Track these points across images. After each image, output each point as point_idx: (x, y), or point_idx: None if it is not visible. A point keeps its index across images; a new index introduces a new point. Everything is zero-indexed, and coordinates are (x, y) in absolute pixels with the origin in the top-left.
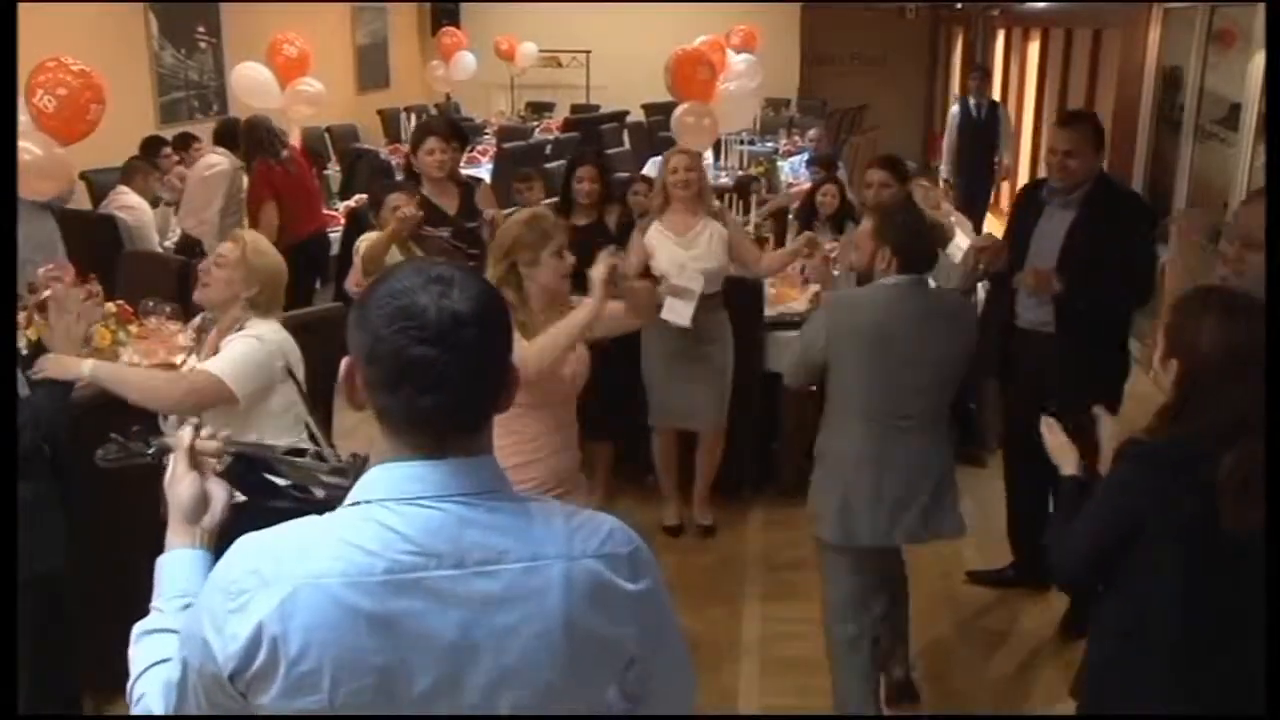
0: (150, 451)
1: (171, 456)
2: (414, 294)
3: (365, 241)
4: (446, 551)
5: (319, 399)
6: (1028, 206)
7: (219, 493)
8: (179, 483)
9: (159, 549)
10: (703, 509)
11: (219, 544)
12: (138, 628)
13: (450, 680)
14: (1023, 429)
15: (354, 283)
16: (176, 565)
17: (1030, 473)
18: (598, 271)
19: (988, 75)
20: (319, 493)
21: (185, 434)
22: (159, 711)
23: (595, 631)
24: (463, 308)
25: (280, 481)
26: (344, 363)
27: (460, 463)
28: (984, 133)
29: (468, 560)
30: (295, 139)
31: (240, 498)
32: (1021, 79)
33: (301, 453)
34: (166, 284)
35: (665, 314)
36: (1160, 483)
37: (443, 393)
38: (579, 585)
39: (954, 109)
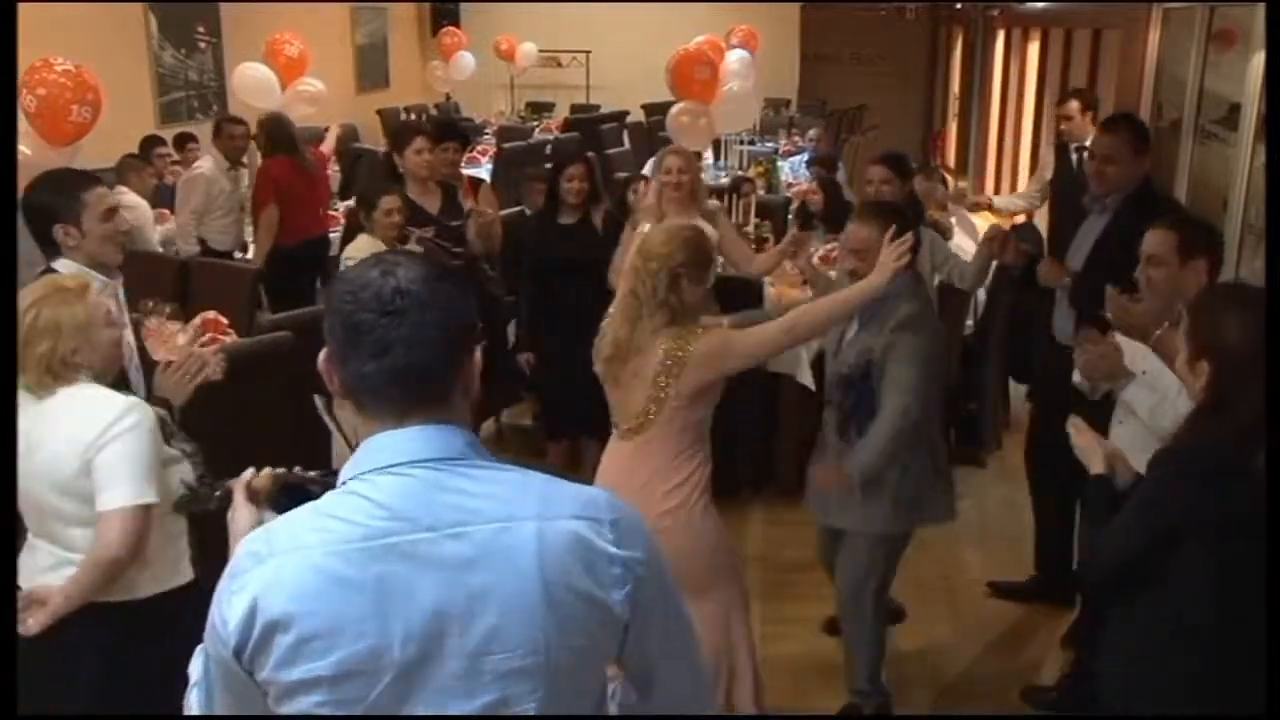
0: (217, 494)
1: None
2: (363, 273)
3: (357, 254)
4: (418, 515)
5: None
6: (1074, 214)
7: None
8: (238, 514)
9: None
10: None
11: None
12: (200, 648)
13: (437, 643)
14: (1049, 444)
15: None
16: None
17: (1056, 488)
18: (891, 252)
19: (1090, 106)
20: None
21: (245, 474)
22: (196, 710)
23: (577, 590)
24: (403, 282)
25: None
26: (322, 352)
27: (426, 429)
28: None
29: (439, 523)
30: (331, 141)
31: None
32: (1021, 79)
33: (334, 473)
34: (166, 284)
35: None
36: (1195, 489)
37: (386, 357)
38: (554, 543)
39: (1046, 155)
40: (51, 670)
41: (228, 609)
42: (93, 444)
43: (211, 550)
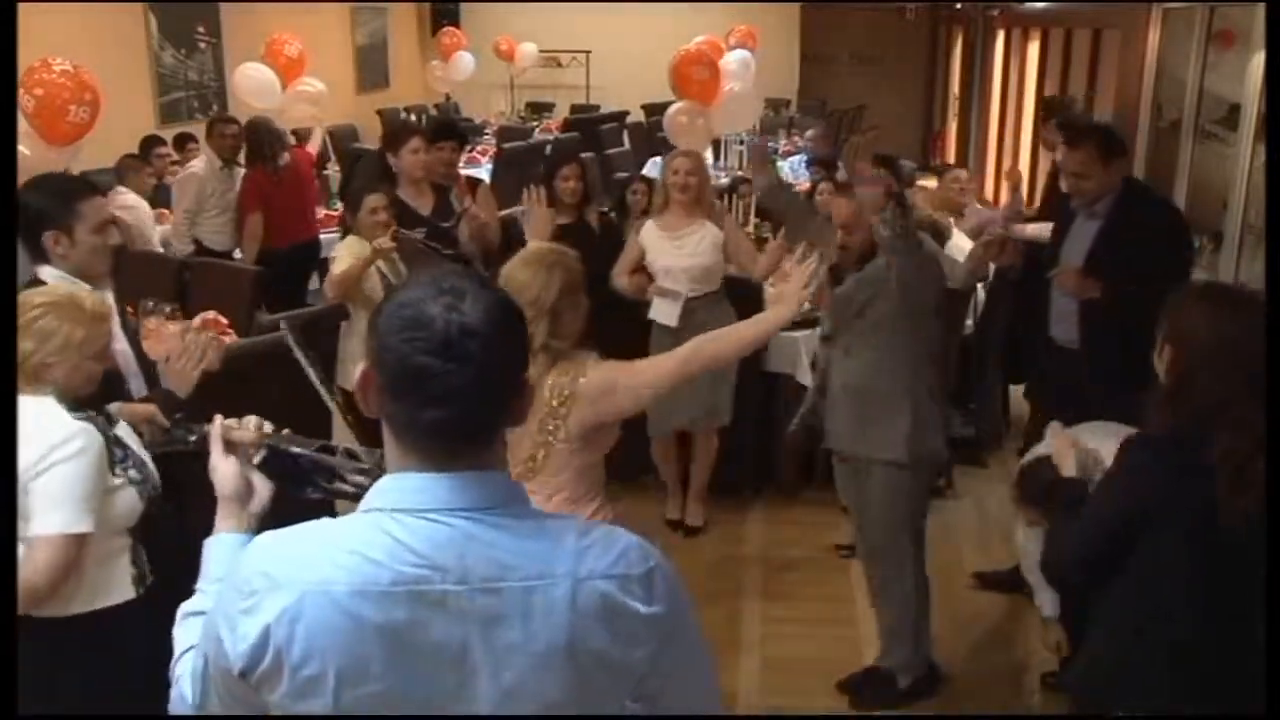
0: (192, 439)
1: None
2: (423, 304)
3: (345, 251)
4: (452, 566)
5: (317, 397)
6: (1062, 215)
7: (262, 483)
8: (218, 470)
9: None
10: (694, 510)
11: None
12: (183, 608)
13: (452, 695)
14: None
15: (327, 289)
16: (221, 549)
17: None
18: (796, 282)
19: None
20: (348, 488)
21: (216, 422)
22: (189, 696)
23: (601, 653)
24: (471, 320)
25: (327, 459)
26: (359, 368)
27: (468, 476)
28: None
29: (472, 576)
30: (315, 142)
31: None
32: (1021, 79)
33: (333, 450)
34: (166, 284)
35: (652, 314)
36: (1162, 473)
37: (445, 406)
38: (585, 606)
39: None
40: None
41: (238, 626)
42: (32, 466)
43: (157, 569)
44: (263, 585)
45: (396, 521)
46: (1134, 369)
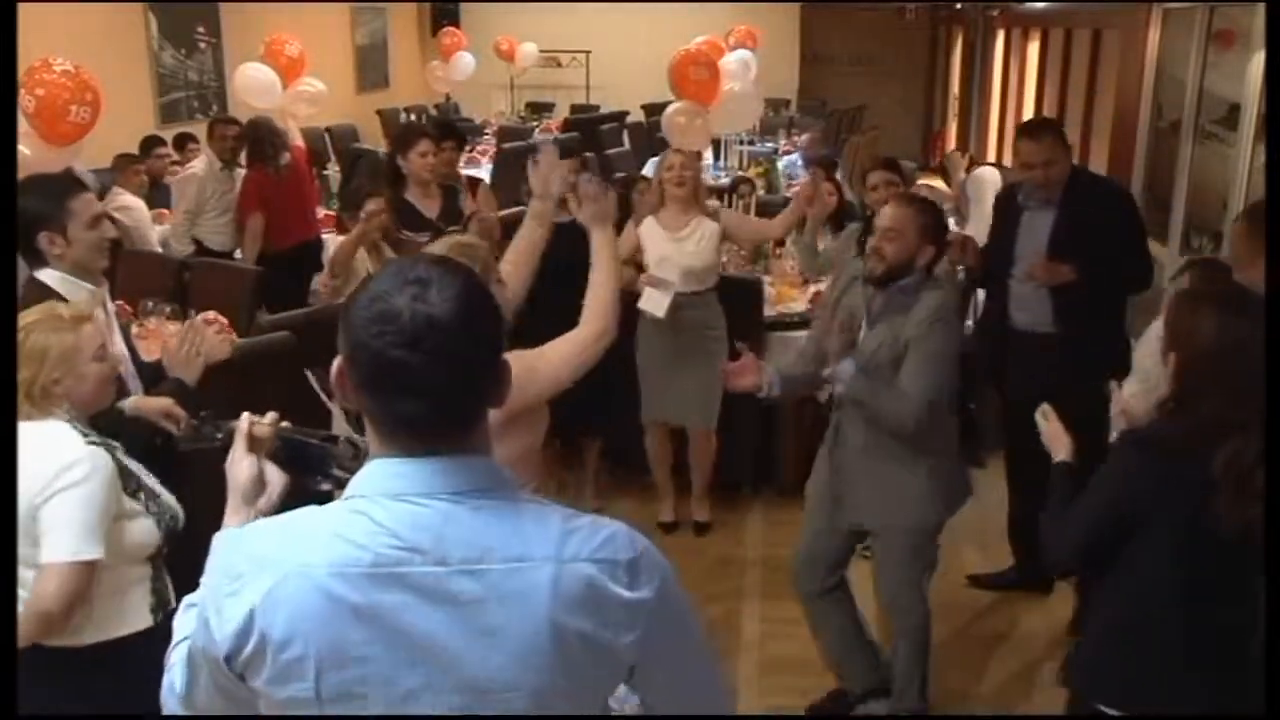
0: (219, 436)
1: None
2: (391, 297)
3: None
4: (429, 548)
5: (317, 398)
6: (1006, 212)
7: (276, 478)
8: (237, 465)
9: None
10: (699, 506)
11: None
12: (186, 600)
13: (436, 678)
14: (1023, 431)
15: (322, 283)
16: None
17: (1032, 475)
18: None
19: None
20: (349, 475)
21: (244, 419)
22: (179, 685)
23: (586, 637)
24: (439, 310)
25: (333, 449)
26: (335, 363)
27: (448, 461)
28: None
29: (450, 558)
30: (295, 134)
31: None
32: (1021, 79)
33: (335, 440)
34: (167, 284)
35: (642, 304)
36: (1159, 470)
37: (421, 398)
38: (567, 589)
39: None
40: None
41: (224, 609)
42: (41, 491)
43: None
44: (247, 569)
45: (377, 505)
46: (1105, 347)
